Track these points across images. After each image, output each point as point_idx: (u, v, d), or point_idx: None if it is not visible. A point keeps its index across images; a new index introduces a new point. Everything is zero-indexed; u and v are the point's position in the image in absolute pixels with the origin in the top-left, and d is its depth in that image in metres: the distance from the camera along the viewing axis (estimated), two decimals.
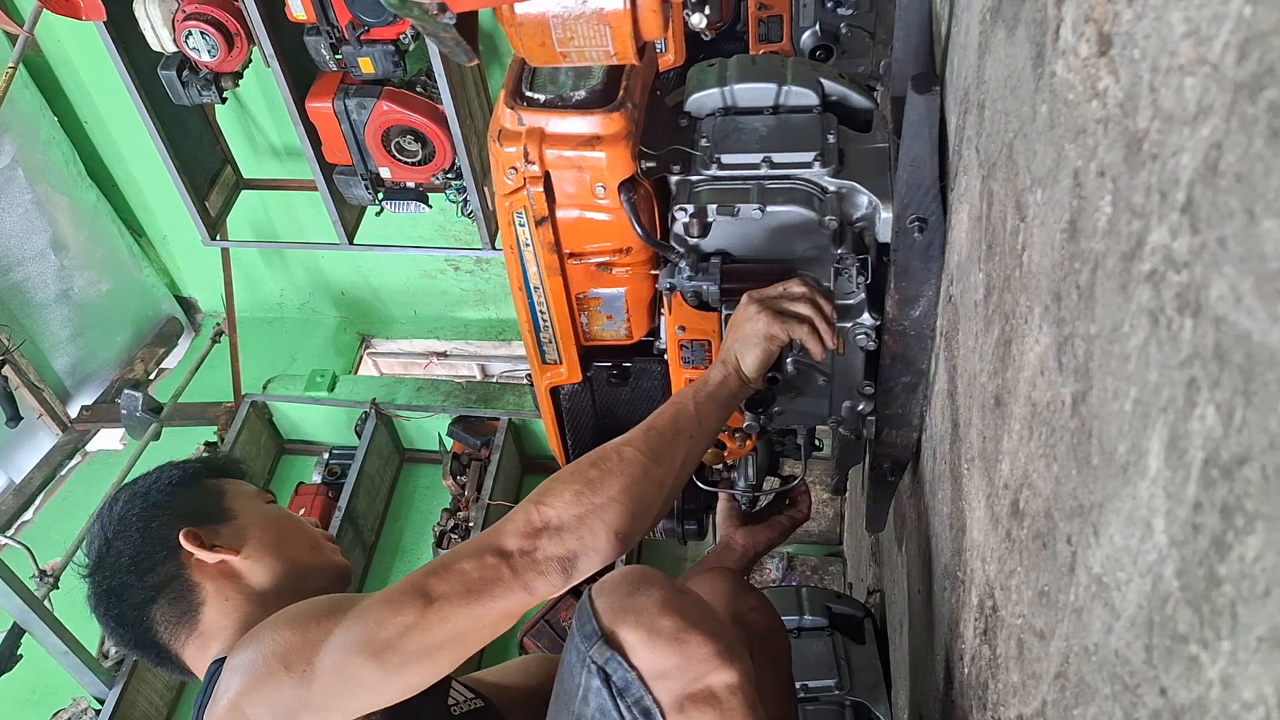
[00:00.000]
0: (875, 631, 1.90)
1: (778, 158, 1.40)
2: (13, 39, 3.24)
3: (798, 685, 1.73)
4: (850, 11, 2.19)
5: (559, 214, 1.43)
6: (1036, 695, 0.80)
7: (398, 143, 3.16)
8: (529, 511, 1.09)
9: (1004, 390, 0.90)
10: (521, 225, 1.43)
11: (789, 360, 1.46)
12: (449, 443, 4.11)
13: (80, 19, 2.83)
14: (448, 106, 2.98)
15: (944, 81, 1.26)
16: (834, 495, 3.52)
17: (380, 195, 3.40)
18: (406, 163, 3.22)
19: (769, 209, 1.36)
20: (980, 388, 1.01)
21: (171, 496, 1.31)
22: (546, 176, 1.38)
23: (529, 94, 1.39)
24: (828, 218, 1.36)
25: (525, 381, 3.95)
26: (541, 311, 1.55)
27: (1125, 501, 0.57)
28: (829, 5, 2.19)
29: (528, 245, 1.45)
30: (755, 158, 1.41)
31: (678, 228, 1.41)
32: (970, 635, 1.08)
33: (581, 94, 1.38)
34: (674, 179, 1.44)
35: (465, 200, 3.37)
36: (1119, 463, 0.58)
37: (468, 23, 1.28)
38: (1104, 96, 0.61)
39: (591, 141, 1.36)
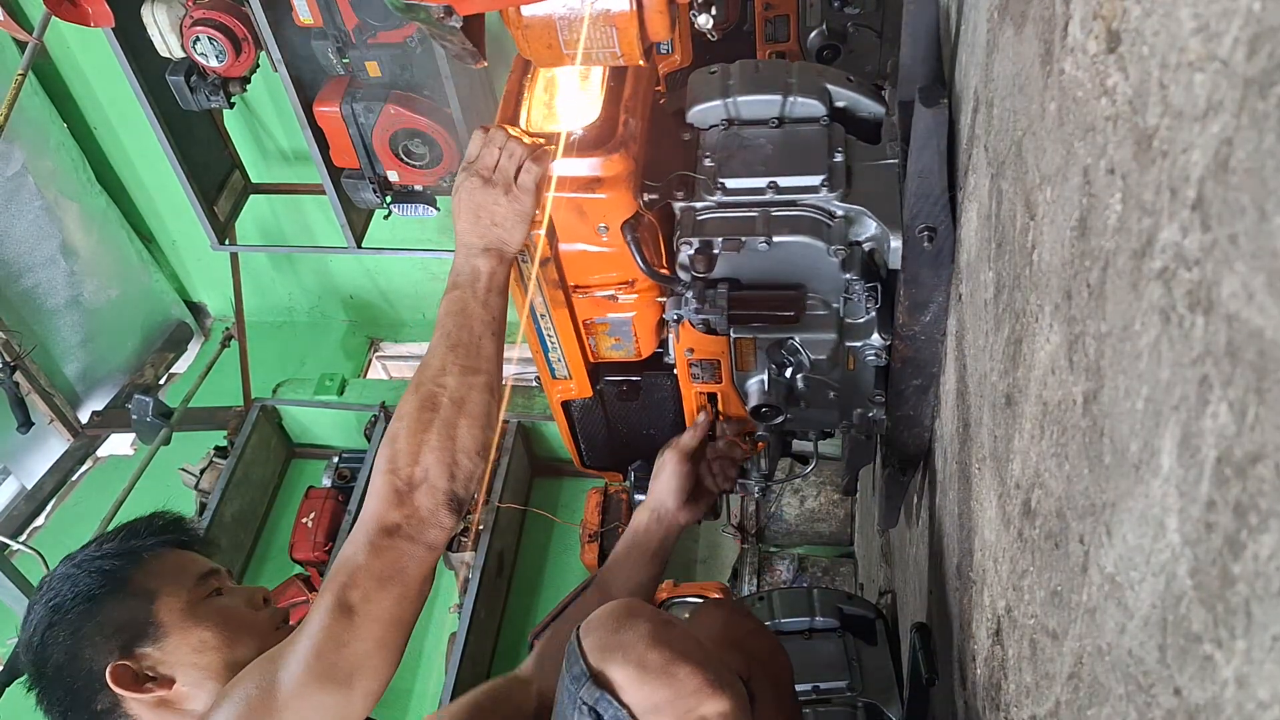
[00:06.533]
0: (887, 632, 1.89)
1: (784, 182, 1.35)
2: (21, 46, 3.26)
3: (809, 687, 1.72)
4: (856, 11, 2.19)
5: (562, 247, 1.41)
6: (1050, 695, 0.79)
7: (405, 146, 3.17)
8: (389, 481, 1.15)
9: (1015, 389, 0.89)
10: (525, 262, 1.43)
11: (800, 377, 1.46)
12: None
13: (89, 25, 2.85)
14: (454, 109, 2.99)
15: (953, 80, 1.25)
16: (844, 496, 3.51)
17: (388, 198, 3.40)
18: (414, 166, 3.22)
19: (775, 239, 1.32)
20: (991, 387, 1.00)
21: (91, 617, 1.19)
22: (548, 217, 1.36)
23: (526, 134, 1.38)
24: (835, 247, 1.32)
25: (534, 384, 3.96)
26: (549, 336, 1.55)
27: (1138, 500, 0.57)
28: (836, 5, 2.19)
29: (531, 280, 1.44)
30: (760, 182, 1.36)
31: (682, 259, 1.37)
32: (982, 635, 1.08)
33: (580, 133, 1.36)
34: (678, 206, 1.40)
35: None
36: (1131, 461, 0.58)
37: (474, 26, 1.28)
38: (1113, 93, 0.61)
39: (592, 184, 1.34)
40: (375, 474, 1.16)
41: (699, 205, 1.39)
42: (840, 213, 1.35)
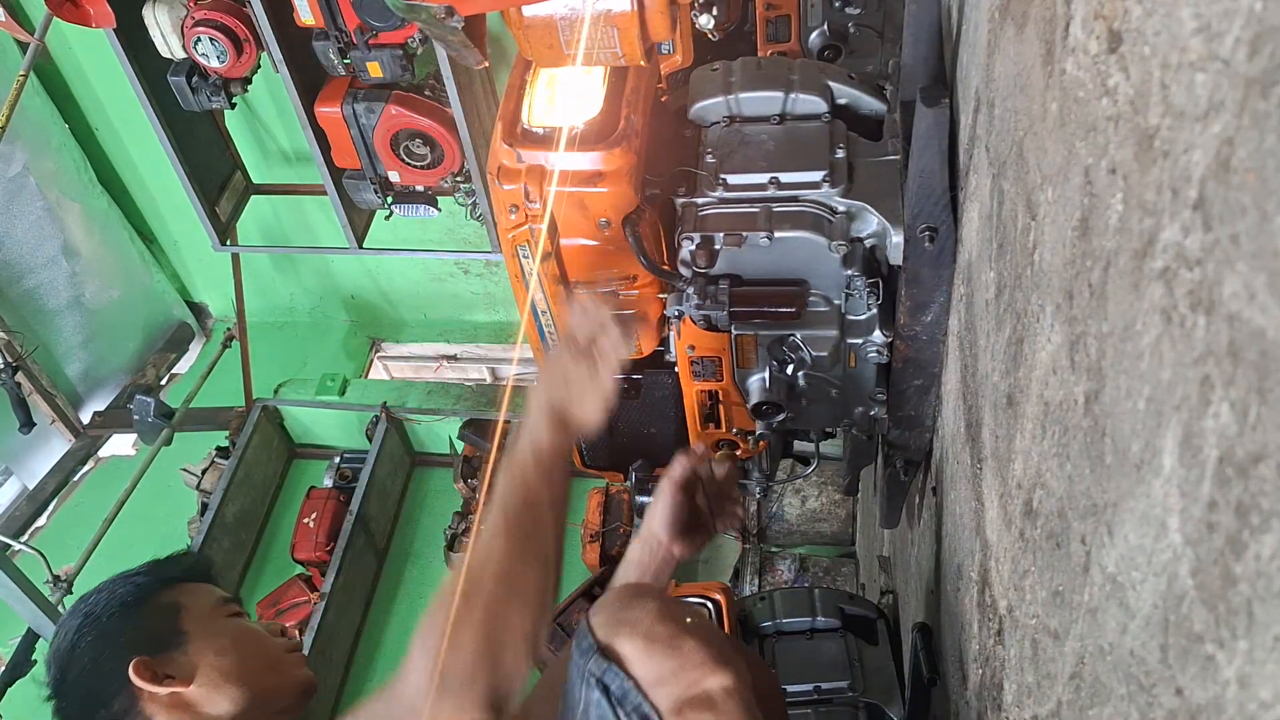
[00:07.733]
0: (889, 632, 1.89)
1: (785, 178, 1.35)
2: (23, 47, 3.26)
3: (810, 687, 1.72)
4: (858, 11, 2.19)
5: (563, 242, 1.41)
6: (1051, 695, 0.79)
7: (406, 146, 3.17)
8: (439, 674, 1.08)
9: (1016, 389, 0.89)
10: (525, 257, 1.43)
11: (801, 374, 1.46)
12: (460, 446, 4.12)
13: (90, 26, 2.85)
14: (456, 110, 2.99)
15: (954, 80, 1.25)
16: (846, 496, 3.51)
17: (389, 199, 3.40)
18: (415, 166, 3.23)
19: (777, 235, 1.32)
20: (992, 387, 1.00)
21: (122, 620, 1.24)
22: (549, 213, 1.36)
23: (528, 129, 1.38)
24: (837, 243, 1.31)
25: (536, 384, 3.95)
26: (550, 333, 1.55)
27: (1139, 500, 0.57)
28: (837, 5, 2.19)
29: (533, 275, 1.44)
30: (762, 178, 1.36)
31: (684, 254, 1.37)
32: (984, 636, 1.08)
33: (581, 127, 1.37)
34: (679, 200, 1.40)
35: (474, 203, 3.37)
36: (1133, 461, 0.58)
37: (475, 26, 1.28)
38: (1114, 94, 0.61)
39: (594, 178, 1.34)
40: (417, 651, 1.10)
41: (701, 201, 1.39)
42: (842, 208, 1.34)
